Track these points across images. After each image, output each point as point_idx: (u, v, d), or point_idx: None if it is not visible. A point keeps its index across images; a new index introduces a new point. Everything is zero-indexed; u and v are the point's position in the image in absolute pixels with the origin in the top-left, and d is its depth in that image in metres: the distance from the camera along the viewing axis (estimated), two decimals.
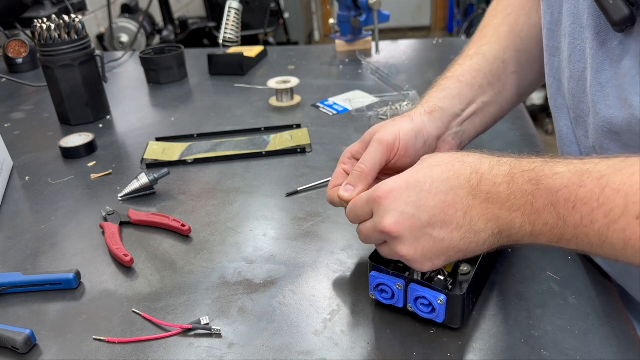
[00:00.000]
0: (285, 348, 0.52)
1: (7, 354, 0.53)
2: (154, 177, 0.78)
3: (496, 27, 0.69)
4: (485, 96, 0.65)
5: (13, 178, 0.88)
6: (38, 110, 1.16)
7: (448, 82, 0.65)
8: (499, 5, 0.72)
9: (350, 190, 0.56)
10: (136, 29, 2.32)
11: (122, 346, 0.53)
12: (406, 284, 0.51)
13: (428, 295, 0.50)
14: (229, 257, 0.65)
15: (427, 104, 0.63)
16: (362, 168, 0.56)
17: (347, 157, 0.61)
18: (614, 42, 0.49)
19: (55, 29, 0.99)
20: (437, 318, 0.51)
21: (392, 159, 0.58)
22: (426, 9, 4.98)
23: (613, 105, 0.50)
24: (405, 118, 0.60)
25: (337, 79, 1.22)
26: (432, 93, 0.65)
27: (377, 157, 0.57)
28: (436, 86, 0.66)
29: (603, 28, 0.50)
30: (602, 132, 0.52)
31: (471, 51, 0.69)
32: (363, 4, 1.32)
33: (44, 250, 0.69)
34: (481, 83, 0.65)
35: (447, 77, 0.66)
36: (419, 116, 0.61)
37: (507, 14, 0.69)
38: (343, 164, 0.61)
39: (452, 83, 0.65)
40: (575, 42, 0.54)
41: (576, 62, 0.55)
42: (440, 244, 0.47)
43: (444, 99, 0.63)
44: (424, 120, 0.60)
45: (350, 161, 0.60)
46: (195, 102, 1.15)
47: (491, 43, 0.68)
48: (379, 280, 0.53)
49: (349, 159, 0.61)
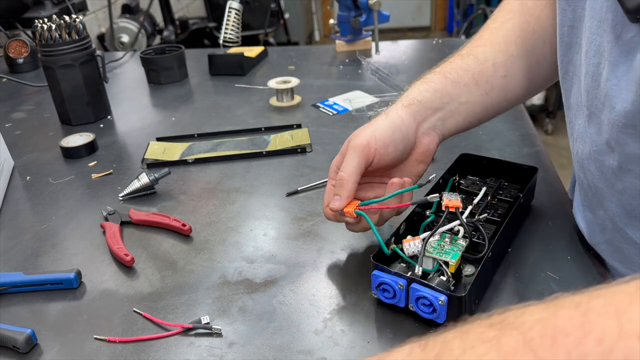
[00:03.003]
0: (286, 347, 0.52)
1: (8, 353, 0.53)
2: (155, 176, 0.78)
3: (493, 30, 0.69)
4: (471, 95, 0.65)
5: (14, 178, 0.88)
6: (39, 110, 1.16)
7: (433, 77, 0.65)
8: (502, 9, 0.72)
9: (338, 199, 0.57)
10: (137, 29, 2.32)
11: (123, 345, 0.53)
12: (408, 283, 0.51)
13: (429, 295, 0.50)
14: (230, 257, 0.65)
15: (406, 98, 0.63)
16: (342, 176, 0.57)
17: (333, 171, 0.61)
18: (629, 34, 0.48)
19: (56, 29, 0.99)
20: (438, 318, 0.50)
21: (372, 160, 0.59)
22: (426, 10, 4.98)
23: (628, 99, 0.50)
24: (381, 116, 0.61)
25: (337, 79, 1.23)
26: (415, 85, 0.65)
27: (354, 162, 0.57)
28: (421, 79, 0.66)
29: (620, 20, 0.49)
30: (618, 127, 0.51)
31: (463, 51, 0.69)
32: (363, 4, 1.32)
33: (45, 249, 0.69)
34: (467, 82, 0.65)
35: (434, 71, 0.66)
36: (394, 111, 0.61)
37: (506, 19, 0.69)
38: (331, 180, 0.61)
39: (438, 78, 0.65)
40: (592, 36, 0.54)
41: (592, 57, 0.54)
42: None
43: (425, 91, 0.63)
44: (400, 114, 0.61)
45: (336, 175, 0.61)
46: (196, 102, 1.15)
47: (485, 45, 0.68)
48: (381, 279, 0.52)
49: (335, 173, 0.61)
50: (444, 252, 0.55)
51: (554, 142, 3.01)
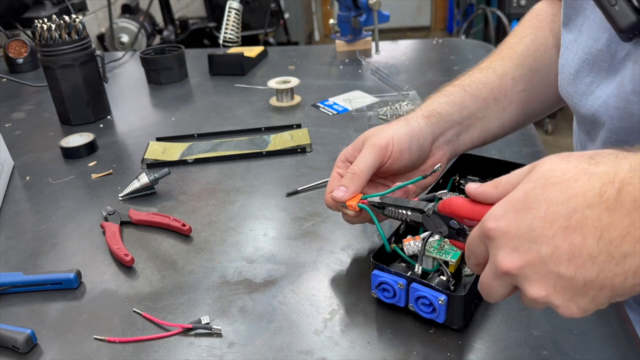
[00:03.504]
0: (286, 347, 0.52)
1: (8, 353, 0.53)
2: (155, 177, 0.78)
3: (512, 45, 0.69)
4: (488, 110, 0.65)
5: (14, 178, 0.88)
6: (39, 110, 1.16)
7: (453, 89, 0.65)
8: (521, 25, 0.71)
9: (344, 191, 0.56)
10: (136, 29, 2.32)
11: (123, 345, 0.53)
12: (408, 283, 0.51)
13: (429, 295, 0.50)
14: (230, 257, 0.65)
15: (426, 108, 0.63)
16: (355, 170, 0.57)
17: (342, 161, 0.61)
18: (622, 53, 0.48)
19: (56, 29, 0.99)
20: (438, 318, 0.51)
21: (385, 162, 0.59)
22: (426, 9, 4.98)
23: (616, 116, 0.49)
24: (401, 121, 0.61)
25: (337, 79, 1.23)
26: (434, 97, 0.65)
27: (370, 160, 0.57)
28: (440, 91, 0.66)
29: (614, 39, 0.49)
30: (610, 144, 0.52)
31: (482, 64, 0.69)
32: (363, 4, 1.32)
33: (45, 250, 0.69)
34: (486, 96, 0.65)
35: (454, 84, 0.66)
36: (415, 119, 0.61)
37: (525, 35, 0.69)
38: (338, 168, 0.61)
39: (457, 91, 0.64)
40: (586, 56, 0.54)
41: (584, 77, 0.55)
42: (573, 283, 0.36)
43: (445, 104, 0.63)
44: (420, 124, 0.61)
45: (344, 164, 0.60)
46: (196, 102, 1.15)
47: (504, 59, 0.68)
48: (380, 278, 0.52)
49: (343, 163, 0.61)
50: (444, 252, 0.55)
51: (554, 142, 3.01)
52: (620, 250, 0.34)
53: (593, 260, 0.35)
